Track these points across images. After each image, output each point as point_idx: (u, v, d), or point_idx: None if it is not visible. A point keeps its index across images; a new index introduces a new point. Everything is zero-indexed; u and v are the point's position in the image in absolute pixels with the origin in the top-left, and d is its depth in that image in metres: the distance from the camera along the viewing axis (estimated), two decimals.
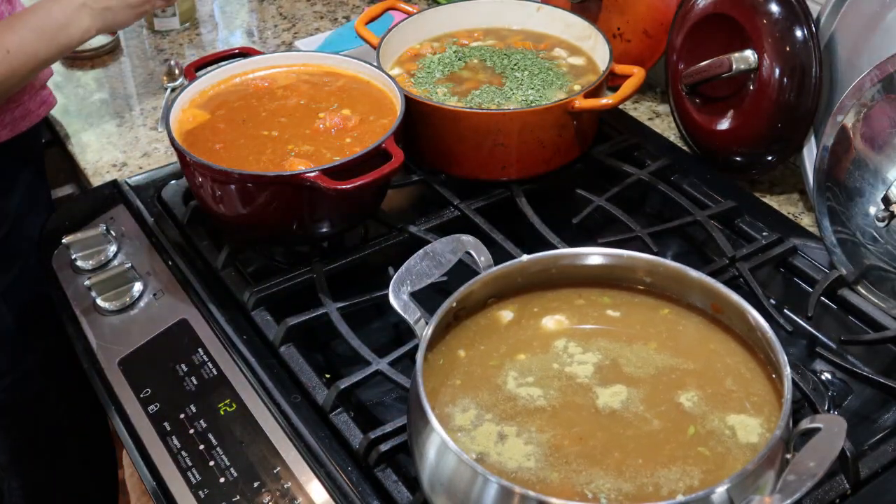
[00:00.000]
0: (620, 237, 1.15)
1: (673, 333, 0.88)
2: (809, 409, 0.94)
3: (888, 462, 0.91)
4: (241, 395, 0.99)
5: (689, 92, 1.32)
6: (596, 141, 1.29)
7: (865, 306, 1.08)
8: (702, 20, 1.29)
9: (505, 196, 1.23)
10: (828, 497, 0.88)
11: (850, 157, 1.08)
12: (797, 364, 0.98)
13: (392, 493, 0.89)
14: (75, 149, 1.42)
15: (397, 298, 0.86)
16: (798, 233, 1.18)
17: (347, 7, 1.78)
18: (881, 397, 1.00)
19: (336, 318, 1.04)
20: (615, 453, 0.77)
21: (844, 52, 1.20)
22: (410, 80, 1.29)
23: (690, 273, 0.88)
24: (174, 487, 0.92)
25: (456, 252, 0.91)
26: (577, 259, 0.91)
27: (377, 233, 1.19)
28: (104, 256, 1.18)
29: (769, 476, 0.73)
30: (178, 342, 1.07)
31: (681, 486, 0.75)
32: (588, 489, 0.74)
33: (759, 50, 1.20)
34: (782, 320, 1.05)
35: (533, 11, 1.38)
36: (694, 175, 1.27)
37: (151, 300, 1.13)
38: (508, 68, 1.30)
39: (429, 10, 1.37)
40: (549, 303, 0.91)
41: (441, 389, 0.83)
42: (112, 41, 1.66)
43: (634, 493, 0.74)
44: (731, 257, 1.11)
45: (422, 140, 1.22)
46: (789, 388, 0.77)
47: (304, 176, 1.03)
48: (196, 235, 1.19)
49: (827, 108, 1.19)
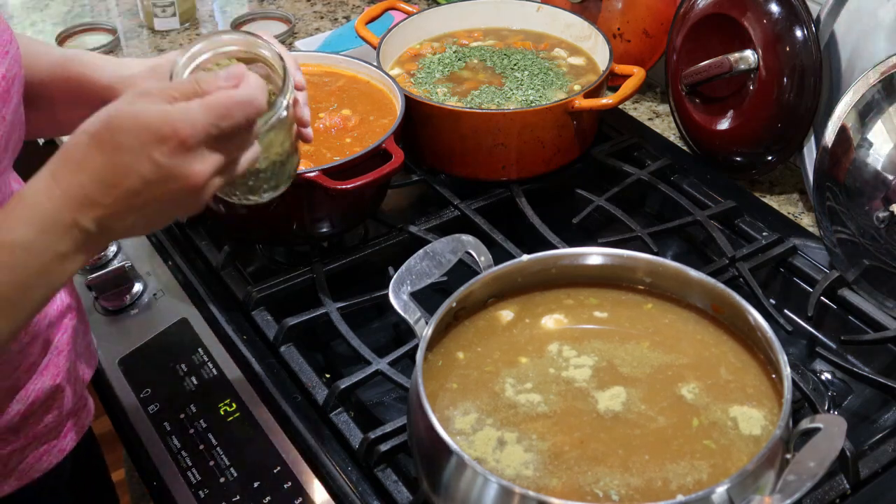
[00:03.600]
0: (620, 237, 1.15)
1: (660, 327, 0.88)
2: (809, 409, 0.94)
3: (888, 462, 0.91)
4: (241, 395, 0.99)
5: (689, 92, 1.32)
6: (596, 141, 1.29)
7: (865, 306, 1.08)
8: (702, 20, 1.29)
9: (505, 196, 1.23)
10: (828, 497, 0.88)
11: (850, 157, 1.08)
12: (797, 364, 0.98)
13: (392, 493, 0.89)
14: None
15: (397, 298, 0.86)
16: (798, 233, 1.18)
17: (347, 7, 1.78)
18: (881, 397, 1.00)
19: (336, 318, 1.04)
20: (619, 451, 0.77)
21: (844, 52, 1.20)
22: (410, 80, 1.29)
23: (690, 273, 0.88)
24: (174, 487, 0.92)
25: (456, 252, 0.91)
26: (577, 259, 0.91)
27: (377, 233, 1.19)
28: (104, 256, 1.18)
29: (769, 476, 0.73)
30: (178, 342, 1.07)
31: (689, 480, 0.75)
32: (597, 488, 0.74)
33: (759, 50, 1.20)
34: (782, 320, 1.05)
35: (533, 11, 1.38)
36: (694, 175, 1.27)
37: (151, 300, 1.13)
38: (508, 68, 1.30)
39: (429, 10, 1.37)
40: (549, 303, 0.91)
41: (440, 392, 0.83)
42: (112, 41, 1.66)
43: (644, 488, 0.74)
44: (731, 257, 1.11)
45: (422, 140, 1.22)
46: (789, 388, 0.77)
47: (305, 176, 1.03)
48: (196, 235, 1.19)
49: (827, 108, 1.19)
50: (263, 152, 0.84)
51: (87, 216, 0.68)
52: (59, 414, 0.92)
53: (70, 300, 0.92)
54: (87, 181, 0.68)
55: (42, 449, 0.91)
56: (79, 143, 0.69)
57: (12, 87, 0.77)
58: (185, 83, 0.71)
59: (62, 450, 0.94)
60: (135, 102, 0.69)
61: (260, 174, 0.87)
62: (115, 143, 0.68)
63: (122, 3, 1.81)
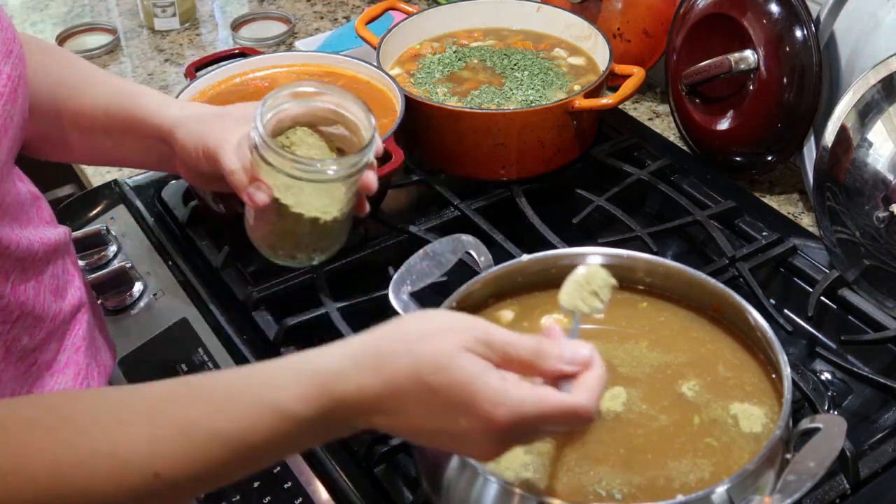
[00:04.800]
0: (620, 237, 1.15)
1: (656, 326, 0.88)
2: (809, 409, 0.94)
3: (888, 462, 0.91)
4: None
5: (689, 92, 1.32)
6: (596, 141, 1.29)
7: (865, 306, 1.07)
8: (702, 20, 1.29)
9: (505, 196, 1.23)
10: (828, 497, 0.88)
11: (850, 157, 1.08)
12: (797, 364, 0.98)
13: (392, 494, 0.89)
14: None
15: (397, 298, 0.86)
16: (798, 233, 1.18)
17: (347, 7, 1.78)
18: (881, 397, 1.00)
19: (336, 318, 1.04)
20: (621, 450, 0.77)
21: (844, 52, 1.20)
22: (410, 80, 1.29)
23: (690, 273, 0.88)
24: None
25: (456, 252, 0.91)
26: (577, 259, 0.91)
27: (377, 233, 1.19)
28: (104, 256, 1.18)
29: (769, 476, 0.73)
30: (178, 342, 1.07)
31: (692, 478, 0.74)
32: (599, 487, 0.74)
33: (759, 50, 1.20)
34: (782, 320, 1.05)
35: (533, 11, 1.38)
36: (694, 175, 1.27)
37: (151, 300, 1.13)
38: (508, 68, 1.30)
39: (429, 10, 1.37)
40: (549, 303, 0.91)
41: None
42: (112, 41, 1.66)
43: (647, 486, 0.74)
44: (731, 257, 1.11)
45: (422, 140, 1.23)
46: (789, 388, 0.77)
47: None
48: (196, 235, 1.19)
49: (827, 108, 1.19)
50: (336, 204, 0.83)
51: (371, 418, 0.66)
52: None
53: (81, 294, 0.92)
54: (387, 396, 0.64)
55: None
56: (397, 354, 0.65)
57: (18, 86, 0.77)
58: (527, 351, 0.66)
59: None
60: (474, 359, 0.65)
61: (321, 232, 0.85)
62: (432, 389, 0.64)
63: (122, 3, 1.81)
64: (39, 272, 0.83)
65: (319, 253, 0.88)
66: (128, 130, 0.94)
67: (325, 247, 0.88)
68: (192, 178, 0.97)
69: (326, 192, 0.83)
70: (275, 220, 0.86)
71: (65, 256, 0.89)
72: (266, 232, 0.88)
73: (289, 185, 0.83)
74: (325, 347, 0.67)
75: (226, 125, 0.90)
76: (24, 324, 0.80)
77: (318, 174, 0.82)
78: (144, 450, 0.63)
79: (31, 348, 0.83)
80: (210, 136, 0.89)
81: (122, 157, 1.00)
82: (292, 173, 0.81)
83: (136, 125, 0.93)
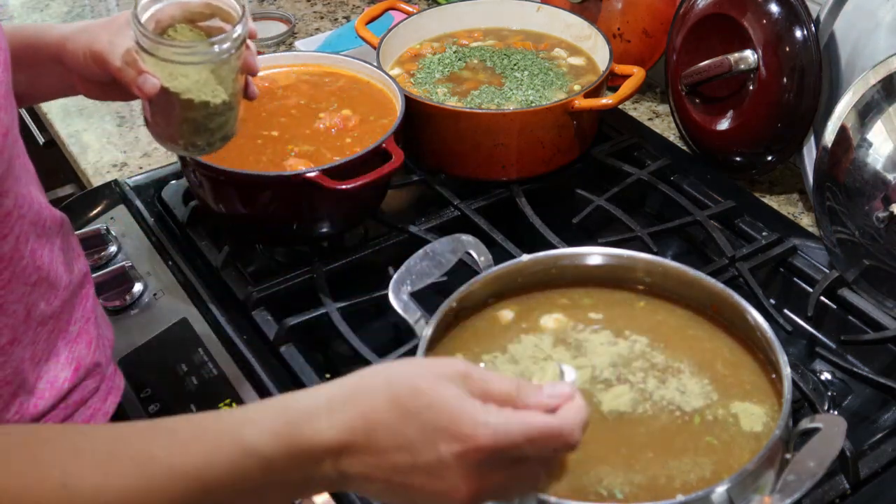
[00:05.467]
0: (620, 237, 1.15)
1: (654, 325, 0.88)
2: (809, 409, 0.94)
3: (888, 462, 0.91)
4: (242, 395, 0.99)
5: (689, 92, 1.32)
6: (596, 141, 1.30)
7: (865, 306, 1.08)
8: (702, 20, 1.29)
9: (505, 196, 1.23)
10: (828, 497, 0.88)
11: (849, 157, 1.08)
12: (797, 364, 0.98)
13: None
14: (75, 149, 1.42)
15: (397, 298, 0.86)
16: (798, 233, 1.18)
17: (347, 7, 1.78)
18: (881, 397, 1.00)
19: (336, 318, 1.05)
20: (622, 450, 0.77)
21: (844, 52, 1.20)
22: (410, 80, 1.29)
23: (690, 273, 0.88)
24: None
25: (456, 252, 0.91)
26: (577, 259, 0.91)
27: (377, 233, 1.19)
28: (104, 256, 1.18)
29: (769, 476, 0.73)
30: (178, 342, 1.07)
31: (692, 477, 0.74)
32: (600, 487, 0.74)
33: (759, 50, 1.20)
34: (782, 320, 1.05)
35: (533, 11, 1.38)
36: (694, 175, 1.27)
37: (151, 300, 1.13)
38: (508, 68, 1.30)
39: (429, 10, 1.37)
40: (549, 303, 0.91)
41: None
42: None
43: (648, 485, 0.74)
44: (730, 257, 1.11)
45: (422, 140, 1.23)
46: (789, 388, 0.77)
47: (305, 176, 1.03)
48: (196, 235, 1.19)
49: (827, 108, 1.19)
50: (225, 86, 0.86)
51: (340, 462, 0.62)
52: (100, 378, 0.92)
53: (86, 270, 0.94)
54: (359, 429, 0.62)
55: (88, 412, 0.91)
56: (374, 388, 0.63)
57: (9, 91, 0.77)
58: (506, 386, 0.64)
59: (106, 413, 0.93)
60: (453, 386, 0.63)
61: (214, 116, 0.88)
62: (409, 413, 0.61)
63: (122, 3, 1.81)
64: (51, 240, 0.85)
65: (217, 138, 0.91)
66: (32, 61, 0.96)
67: (220, 131, 0.91)
68: (88, 89, 0.99)
69: (213, 75, 0.86)
70: (169, 111, 0.89)
71: (69, 234, 0.91)
72: (164, 125, 0.91)
73: (174, 75, 0.86)
74: (302, 391, 0.65)
75: (111, 30, 0.92)
76: (41, 289, 0.82)
77: (198, 55, 0.86)
78: (95, 482, 0.61)
79: (49, 315, 0.84)
80: (96, 42, 0.92)
81: (36, 91, 1.02)
82: (174, 59, 0.85)
83: (36, 52, 0.96)
